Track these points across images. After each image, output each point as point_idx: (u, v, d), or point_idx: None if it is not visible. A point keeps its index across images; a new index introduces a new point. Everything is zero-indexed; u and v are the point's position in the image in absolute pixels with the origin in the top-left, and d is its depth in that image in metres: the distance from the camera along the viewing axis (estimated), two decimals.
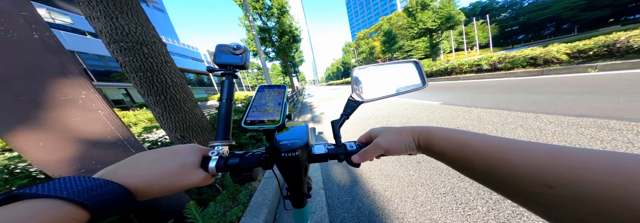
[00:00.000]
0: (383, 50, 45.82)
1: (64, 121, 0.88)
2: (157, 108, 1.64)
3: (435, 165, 1.79)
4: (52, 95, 0.82)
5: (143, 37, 1.43)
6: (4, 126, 0.75)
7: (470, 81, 7.41)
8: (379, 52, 53.39)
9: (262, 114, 0.31)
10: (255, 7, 15.33)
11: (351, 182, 1.78)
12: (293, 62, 21.01)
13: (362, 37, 70.47)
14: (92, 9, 1.10)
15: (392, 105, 4.93)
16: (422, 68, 0.43)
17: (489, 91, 4.71)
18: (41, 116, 0.82)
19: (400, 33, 43.24)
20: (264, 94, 0.34)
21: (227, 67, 0.36)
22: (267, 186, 1.65)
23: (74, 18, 18.92)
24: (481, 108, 3.30)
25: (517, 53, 7.20)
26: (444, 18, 28.60)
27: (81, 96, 0.91)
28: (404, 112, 4.06)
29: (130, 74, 1.37)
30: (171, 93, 1.71)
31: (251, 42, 16.60)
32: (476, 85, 6.10)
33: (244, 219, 1.25)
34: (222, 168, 0.29)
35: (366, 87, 0.41)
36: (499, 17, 56.23)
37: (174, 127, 1.78)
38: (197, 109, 1.99)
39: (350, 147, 0.35)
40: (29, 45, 0.72)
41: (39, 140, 0.84)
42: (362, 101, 0.39)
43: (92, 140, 0.99)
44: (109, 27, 1.18)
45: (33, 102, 0.78)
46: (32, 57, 0.74)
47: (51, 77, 0.80)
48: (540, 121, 2.34)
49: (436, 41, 32.68)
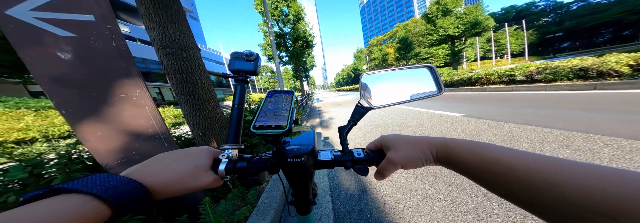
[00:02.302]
0: (397, 57, 44.14)
1: (119, 115, 1.01)
2: (186, 106, 1.78)
3: (456, 181, 1.64)
4: (115, 92, 0.96)
5: (184, 43, 1.59)
6: (76, 117, 0.89)
7: (499, 93, 6.48)
8: (392, 59, 51.86)
9: (270, 119, 0.31)
10: (274, 14, 16.01)
11: (360, 190, 1.72)
12: (304, 66, 21.43)
13: (375, 44, 69.88)
14: (151, 20, 1.27)
15: (405, 114, 4.69)
16: (437, 73, 0.41)
17: (523, 105, 4.12)
18: (104, 110, 0.96)
19: (417, 40, 41.86)
20: (273, 99, 0.35)
21: (240, 73, 0.36)
22: (275, 188, 1.67)
23: (130, 27, 22.37)
24: (514, 123, 2.89)
25: (562, 63, 6.12)
26: (469, 24, 26.30)
27: (136, 94, 1.05)
28: (419, 122, 3.81)
29: (170, 75, 1.53)
30: (199, 93, 1.86)
31: (267, 46, 17.21)
32: (507, 97, 5.37)
33: (251, 220, 1.26)
34: (230, 171, 0.30)
35: (375, 92, 0.40)
36: (538, 23, 49.66)
37: (198, 124, 1.91)
38: (218, 108, 2.12)
39: (357, 155, 0.34)
40: (107, 51, 0.87)
41: (98, 130, 0.98)
42: (370, 107, 0.38)
43: (136, 133, 1.12)
44: (161, 35, 1.35)
45: (101, 99, 0.92)
46: (108, 62, 0.88)
47: (117, 77, 0.94)
48: (592, 143, 1.99)
49: (459, 48, 30.08)
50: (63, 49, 0.76)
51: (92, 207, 0.18)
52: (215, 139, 2.04)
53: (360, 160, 0.33)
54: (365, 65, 63.74)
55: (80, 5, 0.77)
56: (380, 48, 58.98)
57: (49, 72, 0.75)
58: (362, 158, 0.33)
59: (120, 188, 0.20)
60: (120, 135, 1.06)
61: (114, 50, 0.88)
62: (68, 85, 0.81)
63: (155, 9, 1.30)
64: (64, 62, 0.77)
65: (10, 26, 0.65)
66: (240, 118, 0.34)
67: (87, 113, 0.91)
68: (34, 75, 0.73)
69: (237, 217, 1.26)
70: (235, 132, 0.33)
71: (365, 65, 65.27)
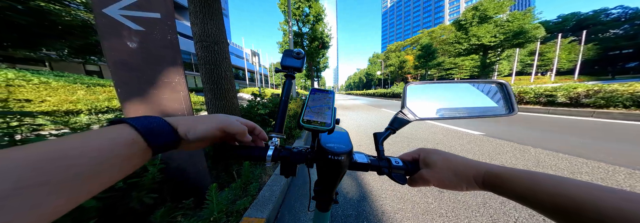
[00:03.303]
0: (416, 65, 40.07)
1: (160, 97, 1.17)
2: (209, 94, 1.95)
3: (463, 199, 1.56)
4: (160, 78, 1.12)
5: (217, 38, 1.76)
6: (127, 96, 1.06)
7: (531, 114, 5.82)
8: (410, 67, 48.00)
9: (315, 115, 0.32)
10: (295, 13, 16.33)
11: (359, 196, 1.69)
12: (317, 66, 21.61)
13: (394, 50, 67.57)
14: (196, 17, 1.44)
15: (416, 125, 4.42)
16: (511, 91, 0.36)
17: (559, 130, 3.73)
18: (149, 92, 1.12)
19: (442, 48, 35.96)
20: (316, 97, 0.36)
21: (290, 69, 0.39)
22: (276, 183, 1.69)
23: None
24: (542, 149, 2.65)
25: (621, 87, 5.12)
26: (511, 33, 22.22)
27: (175, 80, 1.21)
28: (432, 136, 3.63)
29: (201, 65, 1.69)
30: (222, 83, 2.02)
31: (285, 44, 17.53)
32: (540, 120, 4.87)
33: (250, 211, 1.30)
34: (276, 158, 0.32)
35: (421, 104, 0.39)
36: (604, 35, 39.91)
37: (215, 112, 2.07)
38: (235, 99, 2.28)
39: (395, 163, 0.34)
40: (163, 43, 1.03)
41: (140, 109, 1.14)
42: (414, 119, 0.37)
43: (168, 115, 1.28)
44: (201, 30, 1.51)
45: (149, 82, 1.08)
46: (161, 51, 1.04)
47: (165, 65, 1.10)
48: (635, 179, 1.80)
49: (491, 60, 26.27)
50: (132, 39, 0.92)
51: (139, 146, 0.21)
52: None
53: (398, 168, 0.34)
54: (379, 71, 61.14)
55: (152, 5, 0.93)
56: (399, 54, 56.09)
57: (118, 57, 0.92)
58: (400, 166, 0.34)
59: (161, 129, 0.23)
60: (156, 115, 1.22)
61: (168, 43, 1.04)
62: (128, 68, 0.97)
63: (201, 7, 1.46)
64: (130, 50, 0.93)
65: (103, 21, 0.81)
66: (286, 109, 0.36)
67: (136, 93, 1.08)
68: (107, 58, 0.89)
69: (238, 206, 1.30)
70: (281, 122, 0.35)
71: (379, 71, 62.53)
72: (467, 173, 0.28)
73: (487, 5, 22.57)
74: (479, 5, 23.11)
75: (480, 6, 22.97)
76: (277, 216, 1.42)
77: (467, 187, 0.28)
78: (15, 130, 0.83)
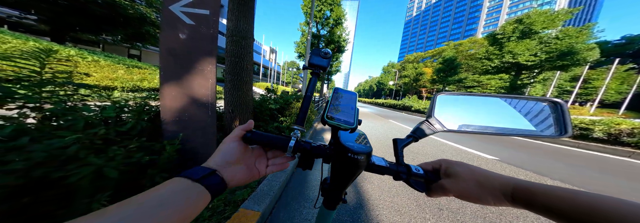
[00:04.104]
0: (434, 79, 36.37)
1: (192, 83, 1.32)
2: (229, 84, 2.10)
3: (462, 219, 1.56)
4: (195, 66, 1.28)
5: (245, 34, 1.92)
6: (167, 79, 1.21)
7: (558, 146, 5.46)
8: (426, 81, 43.96)
9: (338, 114, 0.34)
10: (316, 15, 16.67)
11: (356, 204, 1.70)
12: (329, 69, 21.79)
13: (412, 60, 64.20)
14: (233, 14, 1.60)
15: (424, 141, 4.29)
16: (567, 112, 0.34)
17: (587, 166, 3.40)
18: (185, 77, 1.27)
19: (467, 63, 32.17)
20: (339, 96, 0.39)
21: (316, 67, 0.40)
22: (275, 179, 1.74)
23: None
24: (562, 182, 2.49)
25: None
26: (556, 52, 18.55)
27: (207, 68, 1.36)
28: (440, 154, 3.54)
29: (228, 58, 1.85)
30: (242, 75, 2.17)
31: (301, 44, 17.88)
32: (568, 153, 4.48)
33: (247, 203, 1.33)
34: (296, 150, 0.33)
35: (451, 115, 0.37)
36: None
37: (231, 102, 2.23)
38: (250, 92, 2.42)
39: (415, 170, 0.34)
40: (206, 36, 1.18)
41: (173, 91, 1.29)
42: (441, 129, 0.36)
43: (195, 99, 1.43)
44: (234, 26, 1.67)
45: (187, 69, 1.24)
46: (202, 43, 1.19)
47: (203, 55, 1.25)
48: None
49: (523, 82, 22.38)
50: (183, 32, 1.07)
51: (204, 196, 0.23)
52: (239, 118, 2.34)
53: (417, 175, 0.34)
54: (392, 81, 59.35)
55: (204, 3, 1.08)
56: (416, 66, 52.33)
57: (168, 46, 1.07)
58: (421, 174, 0.34)
59: (216, 182, 0.25)
60: (185, 98, 1.37)
61: (209, 36, 1.20)
62: (174, 55, 1.13)
63: (238, 5, 1.62)
64: (180, 40, 1.09)
65: (166, 15, 0.96)
66: (309, 104, 0.37)
67: (174, 77, 1.23)
68: (160, 46, 1.05)
69: (236, 197, 1.35)
70: (304, 116, 0.36)
71: (392, 81, 60.55)
72: (493, 186, 0.27)
73: (536, 18, 18.52)
74: (525, 18, 18.95)
75: (526, 19, 18.99)
76: (272, 211, 1.44)
77: (495, 201, 0.27)
78: (69, 98, 0.98)
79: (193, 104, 1.41)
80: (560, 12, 18.55)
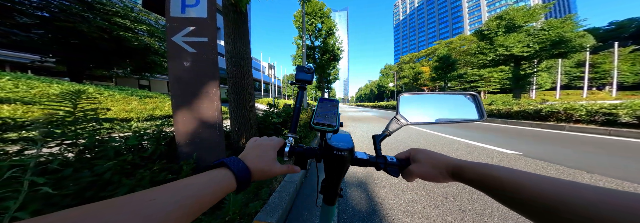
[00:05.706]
0: (433, 77, 37.01)
1: (200, 106, 1.40)
2: (233, 104, 2.19)
3: (490, 221, 1.48)
4: (201, 90, 1.36)
5: (243, 54, 2.04)
6: (178, 105, 1.30)
7: (585, 135, 5.14)
8: (426, 79, 44.83)
9: (323, 119, 0.40)
10: (309, 29, 17.45)
11: (369, 210, 1.68)
12: (328, 78, 22.18)
13: (407, 61, 65.63)
14: (229, 37, 1.72)
15: (435, 140, 4.35)
16: (480, 101, 0.45)
17: (624, 155, 3.15)
18: (193, 102, 1.35)
19: (463, 59, 33.54)
20: (324, 104, 0.45)
21: (302, 82, 0.47)
22: (285, 189, 1.77)
23: None
24: (600, 175, 2.26)
25: None
26: (548, 42, 19.50)
27: (212, 92, 1.44)
28: (453, 152, 3.46)
29: (229, 78, 1.96)
30: (243, 94, 2.27)
31: (298, 57, 18.54)
32: (597, 141, 4.21)
33: (260, 215, 1.37)
34: (291, 153, 0.38)
35: (412, 111, 0.45)
36: None
37: (236, 120, 2.30)
38: (253, 109, 2.51)
39: (390, 159, 0.40)
40: (207, 61, 1.28)
41: (185, 116, 1.37)
42: (406, 123, 0.43)
43: (203, 121, 1.49)
44: (231, 48, 1.80)
45: (193, 94, 1.32)
46: (205, 68, 1.29)
47: (207, 79, 1.34)
48: None
49: (526, 72, 23.01)
50: (187, 59, 1.17)
51: (232, 182, 0.28)
52: (245, 135, 2.40)
53: (392, 164, 0.39)
54: (392, 83, 59.15)
55: (202, 32, 1.20)
56: (413, 66, 53.67)
57: (176, 74, 1.17)
58: (395, 163, 0.39)
59: (243, 172, 0.29)
60: (195, 121, 1.44)
61: (211, 61, 1.30)
62: (182, 82, 1.22)
63: (233, 29, 1.76)
64: (185, 68, 1.19)
65: (171, 46, 1.07)
66: (299, 115, 0.44)
67: (185, 103, 1.32)
68: (170, 75, 1.15)
69: (250, 209, 1.41)
70: (295, 125, 0.42)
71: (392, 83, 60.25)
72: (441, 166, 0.33)
73: (514, 14, 19.99)
74: (504, 14, 20.42)
75: (505, 15, 20.47)
76: (284, 222, 1.47)
77: (443, 178, 0.33)
78: (97, 132, 1.09)
79: (203, 126, 1.48)
80: (535, 7, 19.97)
